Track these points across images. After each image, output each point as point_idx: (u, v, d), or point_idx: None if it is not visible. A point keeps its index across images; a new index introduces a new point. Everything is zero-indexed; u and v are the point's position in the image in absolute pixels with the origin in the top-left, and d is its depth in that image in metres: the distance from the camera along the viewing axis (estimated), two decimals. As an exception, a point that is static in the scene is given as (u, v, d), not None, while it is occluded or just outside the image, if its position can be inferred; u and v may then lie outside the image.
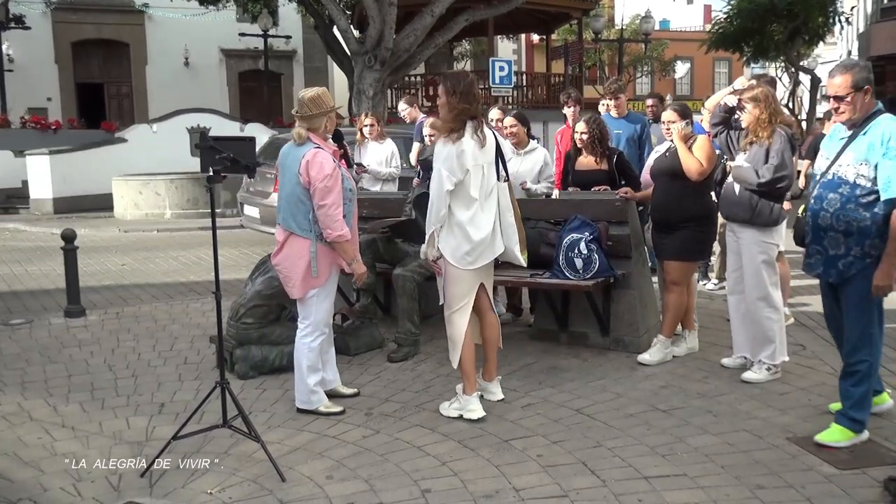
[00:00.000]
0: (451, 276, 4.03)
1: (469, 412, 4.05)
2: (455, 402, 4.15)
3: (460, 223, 3.94)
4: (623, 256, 5.20)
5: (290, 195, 4.05)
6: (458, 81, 3.95)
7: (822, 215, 3.59)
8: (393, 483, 3.36)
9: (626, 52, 27.68)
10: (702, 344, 5.26)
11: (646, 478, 3.36)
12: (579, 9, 22.65)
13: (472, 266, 4.01)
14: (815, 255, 3.68)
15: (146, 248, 11.42)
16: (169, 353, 5.47)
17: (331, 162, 4.01)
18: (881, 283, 3.45)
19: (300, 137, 4.03)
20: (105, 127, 19.74)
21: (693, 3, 48.96)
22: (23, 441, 3.90)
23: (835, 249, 3.58)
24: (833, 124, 4.55)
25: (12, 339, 5.86)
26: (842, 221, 3.52)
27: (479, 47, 29.93)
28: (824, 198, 3.58)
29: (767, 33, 24.09)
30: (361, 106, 15.92)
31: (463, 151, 3.88)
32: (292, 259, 4.06)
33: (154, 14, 27.19)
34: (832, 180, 3.57)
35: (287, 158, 4.10)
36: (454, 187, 3.89)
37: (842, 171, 3.54)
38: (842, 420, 3.65)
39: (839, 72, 3.55)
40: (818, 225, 3.62)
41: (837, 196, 3.53)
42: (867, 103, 3.53)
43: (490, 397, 4.32)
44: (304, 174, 3.96)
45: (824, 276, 3.68)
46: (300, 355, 4.15)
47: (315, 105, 4.03)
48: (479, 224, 3.97)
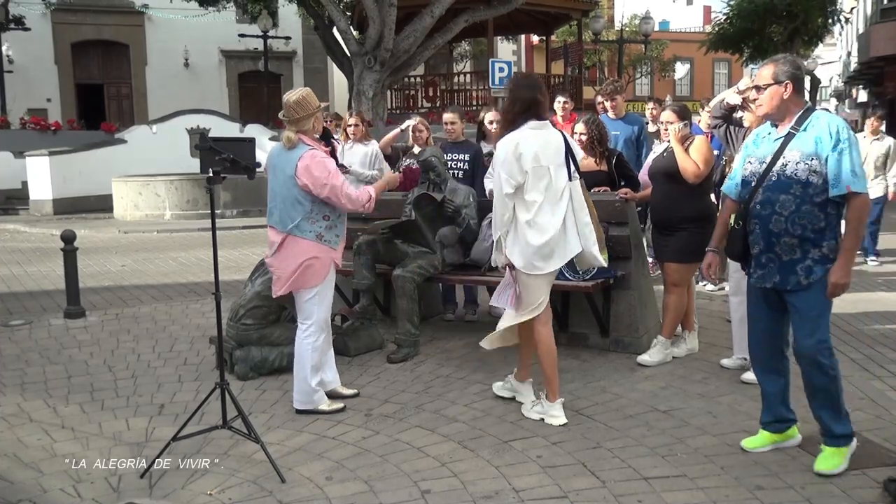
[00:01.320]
0: (523, 283, 3.97)
1: (552, 417, 4.00)
2: (538, 406, 4.09)
3: (522, 227, 3.87)
4: (623, 257, 5.20)
5: (286, 198, 4.05)
6: (520, 82, 3.91)
7: (774, 220, 3.34)
8: (393, 484, 3.36)
9: (625, 53, 27.68)
10: (701, 345, 5.26)
11: (645, 478, 3.36)
12: (579, 10, 22.67)
13: (542, 271, 3.91)
14: (769, 265, 3.42)
15: (146, 249, 11.42)
16: (169, 354, 5.47)
17: (330, 159, 4.06)
18: (839, 281, 3.26)
19: (290, 142, 4.04)
20: (105, 128, 19.75)
21: (693, 4, 49.05)
22: (22, 442, 3.90)
23: (789, 254, 3.35)
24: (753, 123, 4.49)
25: (12, 341, 5.86)
26: (797, 225, 3.30)
27: (478, 48, 29.97)
28: (775, 201, 3.34)
29: (767, 34, 24.13)
30: (361, 107, 15.94)
31: (521, 154, 3.80)
32: (289, 260, 4.06)
33: (154, 15, 27.23)
34: (779, 181, 3.34)
35: (278, 160, 4.10)
36: (514, 190, 3.82)
37: (789, 170, 3.31)
38: (829, 441, 3.44)
39: (766, 63, 3.45)
40: (770, 231, 3.37)
41: (790, 197, 3.30)
42: (791, 100, 3.36)
43: (520, 398, 4.25)
44: (305, 176, 3.96)
45: (782, 285, 3.40)
46: (304, 356, 4.15)
47: (301, 108, 4.02)
48: (542, 227, 3.86)
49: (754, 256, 3.50)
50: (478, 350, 5.32)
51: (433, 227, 5.45)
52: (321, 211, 4.06)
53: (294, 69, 29.77)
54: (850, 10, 31.14)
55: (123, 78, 28.34)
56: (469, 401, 4.37)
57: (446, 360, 5.15)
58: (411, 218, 5.39)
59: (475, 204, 5.61)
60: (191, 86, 27.19)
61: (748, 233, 3.50)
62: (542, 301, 4.01)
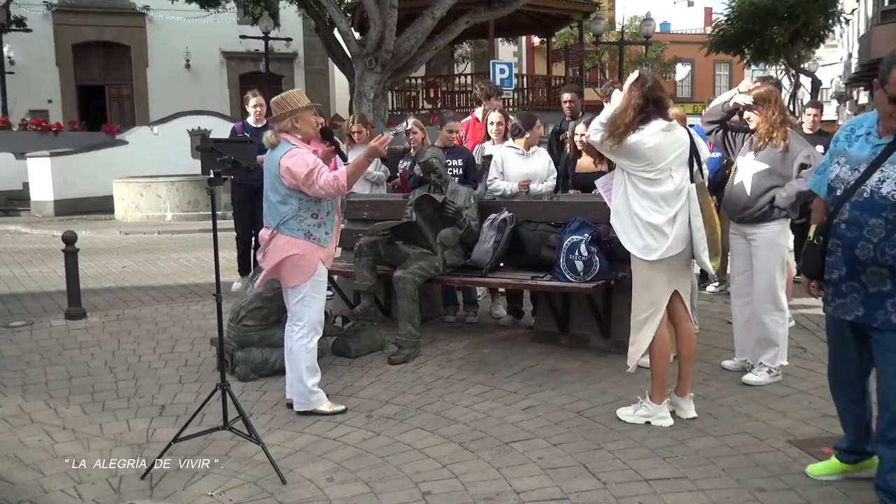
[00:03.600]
0: (638, 279, 3.97)
1: (660, 419, 3.94)
2: (641, 409, 4.01)
3: (639, 215, 3.85)
4: (624, 259, 5.18)
5: (274, 197, 4.08)
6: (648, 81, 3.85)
7: (861, 246, 2.85)
8: (393, 485, 3.36)
9: (626, 55, 27.69)
10: (702, 346, 5.25)
11: (646, 480, 3.36)
12: (580, 11, 22.66)
13: (653, 255, 3.86)
14: (851, 294, 2.95)
15: (147, 250, 11.43)
16: (170, 355, 5.47)
17: (309, 153, 4.03)
18: None
19: (268, 141, 4.08)
20: (106, 129, 19.76)
21: (693, 6, 49.08)
22: (23, 443, 3.90)
23: (877, 286, 2.87)
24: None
25: (13, 342, 5.86)
26: (888, 255, 2.81)
27: (479, 49, 29.96)
28: (863, 223, 2.85)
29: (768, 36, 24.16)
30: (362, 108, 15.94)
31: (652, 150, 3.77)
32: (275, 255, 4.06)
33: (155, 16, 27.22)
34: (871, 200, 2.84)
35: (267, 161, 4.14)
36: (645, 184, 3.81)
37: (886, 188, 2.81)
38: (844, 457, 3.24)
39: None
40: (855, 257, 2.89)
41: (882, 222, 2.81)
42: None
43: (681, 414, 4.05)
44: (287, 175, 3.97)
45: (866, 320, 2.92)
46: (298, 357, 4.15)
47: (278, 106, 4.07)
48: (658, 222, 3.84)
49: (832, 282, 3.03)
50: (479, 351, 5.34)
51: (434, 229, 5.45)
52: (309, 209, 4.07)
53: (295, 70, 29.76)
54: (850, 11, 31.15)
55: (124, 79, 28.34)
56: (470, 402, 4.37)
57: (447, 362, 5.15)
58: (412, 219, 5.39)
59: (476, 205, 5.61)
60: (192, 87, 27.18)
61: (827, 252, 3.02)
62: (655, 308, 3.93)
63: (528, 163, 5.86)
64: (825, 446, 3.62)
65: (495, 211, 5.55)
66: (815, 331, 5.71)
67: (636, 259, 3.96)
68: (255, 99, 7.55)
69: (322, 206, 4.11)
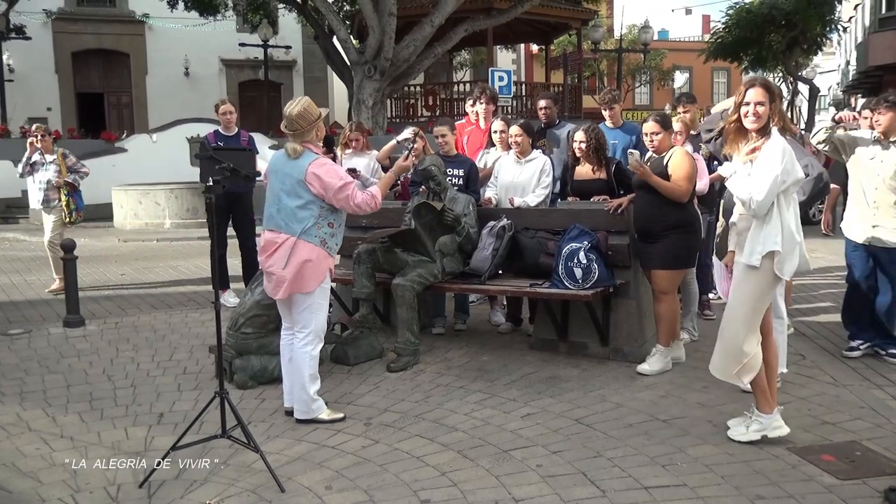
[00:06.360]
0: (760, 293, 3.77)
1: (775, 430, 3.79)
2: (754, 424, 3.84)
3: (794, 235, 3.70)
4: (622, 266, 5.21)
5: (294, 203, 4.06)
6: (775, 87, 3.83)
7: None
8: (392, 493, 3.35)
9: (624, 62, 27.76)
10: (702, 354, 5.25)
11: (646, 488, 3.35)
12: (578, 19, 22.74)
13: (793, 272, 3.77)
14: None
15: (145, 258, 11.42)
16: (168, 362, 5.46)
17: (338, 166, 4.16)
18: None
19: (295, 152, 4.07)
20: (105, 136, 19.76)
21: (692, 14, 49.24)
22: (21, 451, 3.89)
23: None
24: None
25: (11, 350, 5.85)
26: None
27: (478, 57, 30.07)
28: None
29: (766, 43, 24.21)
30: (361, 116, 15.96)
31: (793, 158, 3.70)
32: (291, 261, 4.05)
33: (154, 24, 27.27)
34: None
35: (283, 167, 4.12)
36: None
37: None
38: None
39: None
40: None
41: None
42: None
43: (771, 433, 3.86)
44: (316, 183, 4.01)
45: None
46: (301, 365, 4.14)
47: (304, 119, 4.06)
48: (795, 230, 3.73)
49: None
50: (477, 359, 5.34)
51: (433, 236, 5.45)
52: (327, 218, 4.11)
53: (294, 78, 29.82)
54: (848, 19, 31.26)
55: (124, 87, 28.37)
56: (469, 410, 4.36)
57: (446, 370, 5.14)
58: (411, 227, 5.40)
59: (475, 212, 5.61)
60: (191, 95, 27.19)
61: None
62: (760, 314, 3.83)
63: (519, 171, 5.85)
64: (825, 453, 3.62)
65: (494, 218, 5.56)
66: (813, 338, 5.71)
67: (768, 274, 3.72)
68: (225, 106, 7.45)
69: (338, 217, 4.18)
